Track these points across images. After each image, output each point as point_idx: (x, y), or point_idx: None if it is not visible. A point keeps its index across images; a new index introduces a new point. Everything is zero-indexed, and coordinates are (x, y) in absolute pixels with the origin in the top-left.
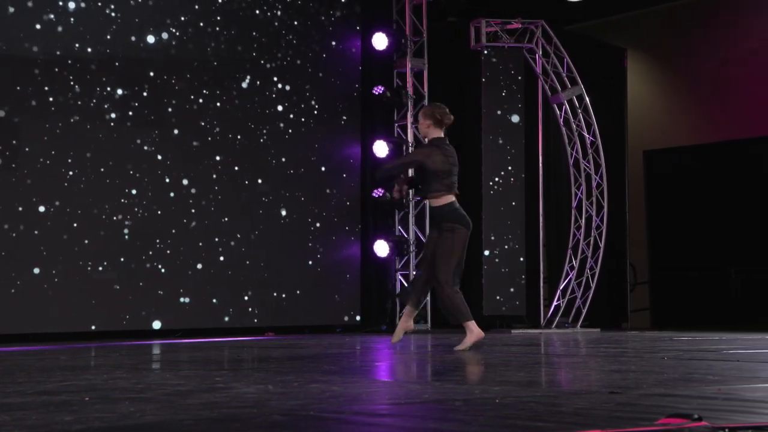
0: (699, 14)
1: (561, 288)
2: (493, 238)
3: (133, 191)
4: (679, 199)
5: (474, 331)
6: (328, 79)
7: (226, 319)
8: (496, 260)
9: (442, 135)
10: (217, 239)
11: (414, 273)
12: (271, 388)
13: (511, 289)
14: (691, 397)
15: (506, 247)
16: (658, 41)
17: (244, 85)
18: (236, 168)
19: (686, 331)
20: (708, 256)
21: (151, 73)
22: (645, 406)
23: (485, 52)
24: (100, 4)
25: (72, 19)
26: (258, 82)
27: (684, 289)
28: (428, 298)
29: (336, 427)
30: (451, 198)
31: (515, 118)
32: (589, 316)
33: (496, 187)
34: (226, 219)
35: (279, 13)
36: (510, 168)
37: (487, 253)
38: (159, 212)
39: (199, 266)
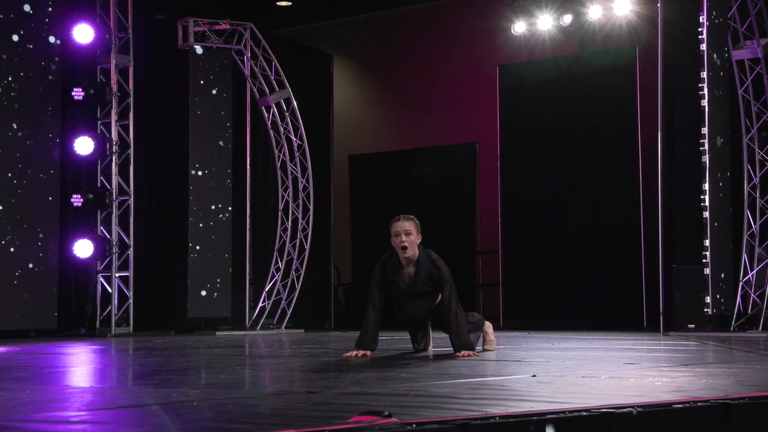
0: (403, 25)
1: (267, 289)
2: (198, 236)
3: None
4: (382, 203)
5: None
6: (28, 75)
7: None
8: (202, 261)
9: None
10: None
11: (118, 275)
12: None
13: (216, 291)
14: (384, 394)
15: (212, 247)
16: (364, 49)
17: None
18: None
19: (390, 331)
20: None
21: None
22: (340, 405)
23: (198, 52)
24: None
25: None
26: None
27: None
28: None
29: None
30: None
31: (221, 143)
32: (294, 317)
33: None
34: None
35: None
36: (217, 169)
37: (192, 255)
38: None
39: None
